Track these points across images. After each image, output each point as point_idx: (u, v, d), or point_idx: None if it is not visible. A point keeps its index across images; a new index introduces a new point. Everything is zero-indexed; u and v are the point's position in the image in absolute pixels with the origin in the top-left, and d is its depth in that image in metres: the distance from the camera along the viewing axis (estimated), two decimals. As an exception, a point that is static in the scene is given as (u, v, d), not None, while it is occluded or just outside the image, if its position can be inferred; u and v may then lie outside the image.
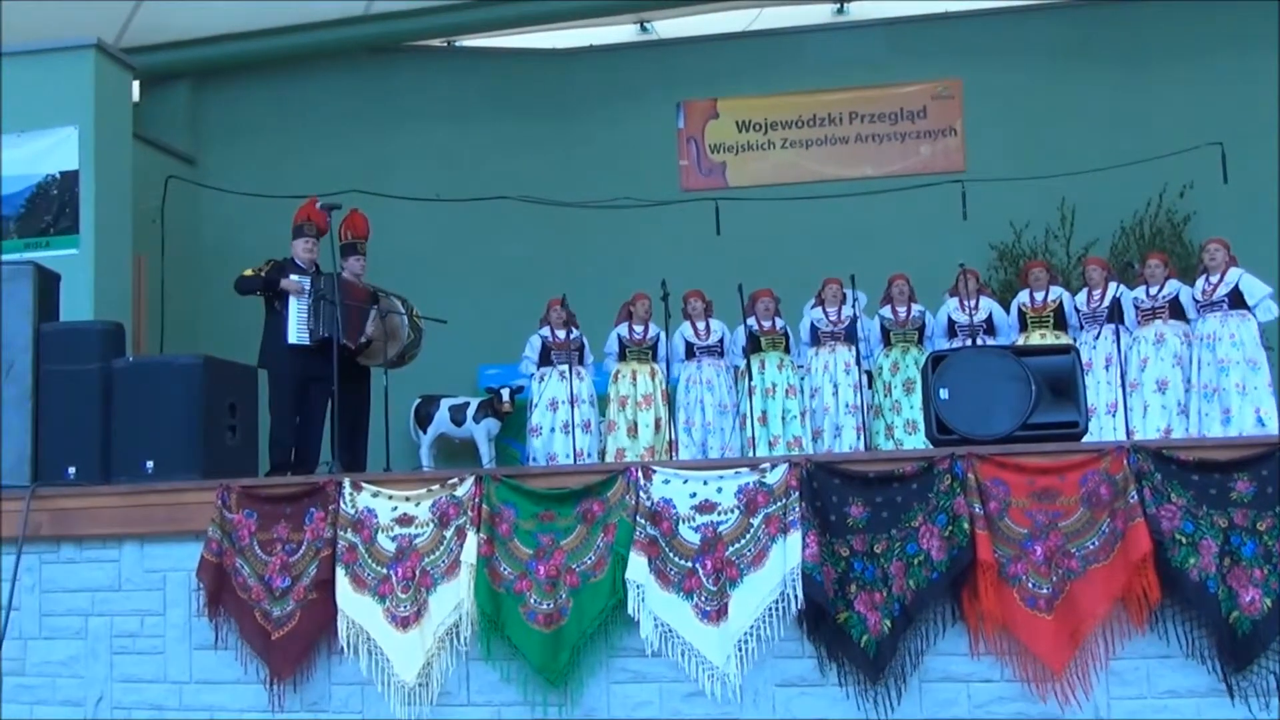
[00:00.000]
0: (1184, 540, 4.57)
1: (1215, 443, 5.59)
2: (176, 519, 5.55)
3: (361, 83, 12.27)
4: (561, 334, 8.92)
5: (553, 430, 8.77)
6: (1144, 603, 4.55)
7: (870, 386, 8.95)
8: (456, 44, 12.54)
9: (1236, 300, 8.00)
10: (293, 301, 7.23)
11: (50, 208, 8.54)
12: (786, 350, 8.96)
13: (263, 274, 7.31)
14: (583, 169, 11.99)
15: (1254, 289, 8.01)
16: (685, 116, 12.50)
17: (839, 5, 12.41)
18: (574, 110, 12.43)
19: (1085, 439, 5.52)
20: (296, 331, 7.20)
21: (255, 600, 5.33)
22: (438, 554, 5.24)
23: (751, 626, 4.82)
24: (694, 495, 5.07)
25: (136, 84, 10.03)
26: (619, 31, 12.68)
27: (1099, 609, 4.59)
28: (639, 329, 9.02)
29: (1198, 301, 8.12)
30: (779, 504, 4.95)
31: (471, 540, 5.15)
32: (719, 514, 5.02)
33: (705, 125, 12.49)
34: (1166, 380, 8.07)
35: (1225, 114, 10.84)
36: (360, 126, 12.15)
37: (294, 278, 7.32)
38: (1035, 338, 8.56)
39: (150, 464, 5.78)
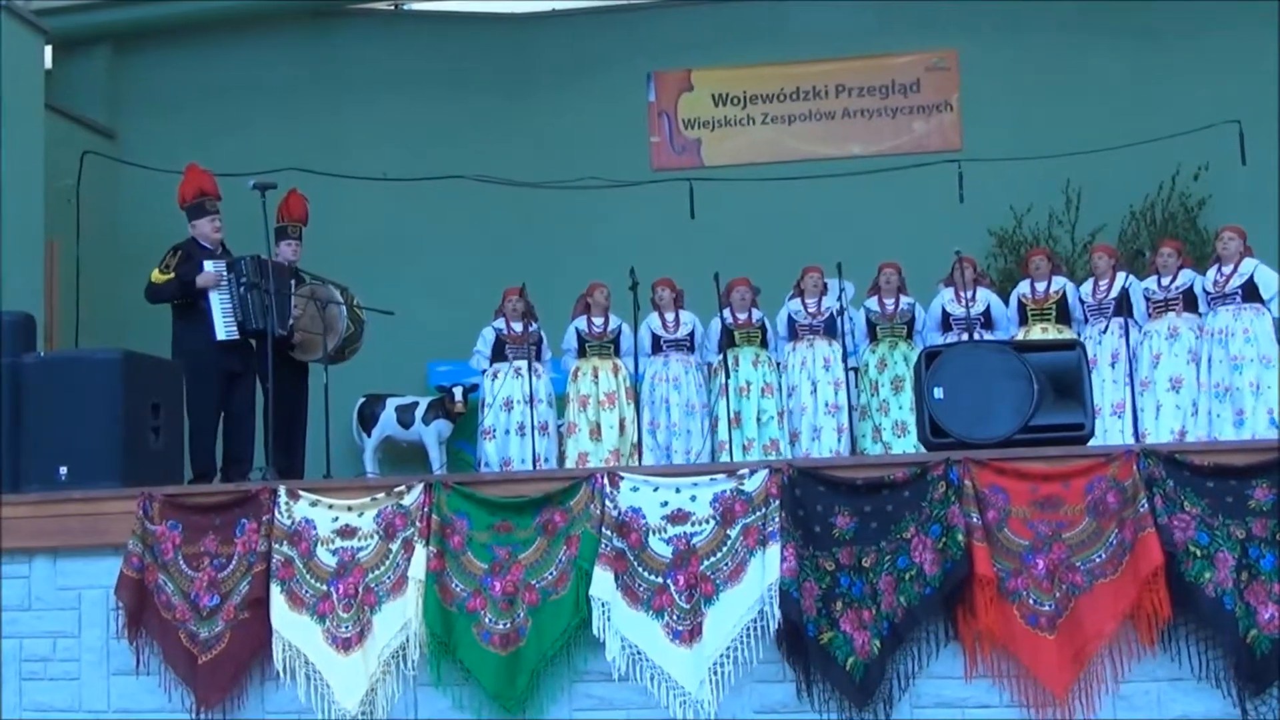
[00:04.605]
0: (1198, 553, 4.60)
1: (1232, 446, 5.61)
2: (93, 531, 5.50)
3: (302, 50, 12.21)
4: (518, 327, 8.87)
5: (507, 432, 8.73)
6: (1154, 620, 4.57)
7: (856, 385, 8.95)
8: (404, 8, 12.48)
9: (1250, 293, 8.05)
10: (213, 294, 7.10)
11: (-48, 185, 8.47)
12: (764, 345, 8.93)
13: (174, 273, 7.10)
14: (545, 146, 11.95)
15: (1269, 281, 8.06)
16: (656, 89, 12.49)
17: (825, -32, 12.43)
18: (535, 82, 12.39)
19: (1090, 442, 5.55)
20: (224, 327, 7.07)
21: (180, 620, 5.29)
22: (383, 569, 5.22)
23: (727, 648, 4.81)
24: (665, 504, 5.06)
25: (49, 49, 9.93)
26: (584, -5, 12.66)
27: (1106, 627, 4.61)
28: (598, 321, 8.99)
29: (1209, 293, 8.18)
30: (758, 514, 4.94)
31: (420, 554, 5.12)
32: (692, 525, 5.01)
33: (678, 98, 12.48)
34: (1181, 378, 8.12)
35: (1243, 90, 10.90)
36: (300, 99, 12.09)
37: (207, 265, 7.17)
38: (1036, 332, 8.59)
39: (64, 470, 5.73)
